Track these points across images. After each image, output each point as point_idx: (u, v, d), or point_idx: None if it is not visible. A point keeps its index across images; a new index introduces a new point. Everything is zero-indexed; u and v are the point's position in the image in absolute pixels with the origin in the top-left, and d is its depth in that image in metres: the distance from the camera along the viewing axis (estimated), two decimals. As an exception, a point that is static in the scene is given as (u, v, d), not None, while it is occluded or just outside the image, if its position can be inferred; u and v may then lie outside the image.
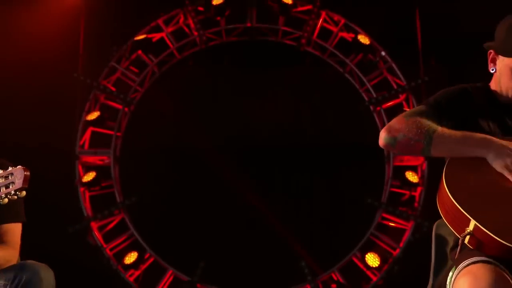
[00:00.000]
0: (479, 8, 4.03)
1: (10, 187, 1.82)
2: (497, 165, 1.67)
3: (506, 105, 1.83)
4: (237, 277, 4.33)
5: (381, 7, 4.60)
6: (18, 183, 1.81)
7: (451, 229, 1.65)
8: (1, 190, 1.83)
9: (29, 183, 1.84)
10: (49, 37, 4.31)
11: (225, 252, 4.39)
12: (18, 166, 1.84)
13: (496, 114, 1.81)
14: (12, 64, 4.12)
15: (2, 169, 2.01)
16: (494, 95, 1.87)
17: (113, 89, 4.57)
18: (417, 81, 4.50)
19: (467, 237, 1.57)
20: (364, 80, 4.63)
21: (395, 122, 1.77)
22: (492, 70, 1.85)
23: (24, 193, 1.84)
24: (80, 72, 4.50)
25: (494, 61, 1.84)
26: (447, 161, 1.71)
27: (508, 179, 1.65)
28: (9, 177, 1.84)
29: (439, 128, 1.72)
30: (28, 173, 1.84)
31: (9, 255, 2.06)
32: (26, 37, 4.21)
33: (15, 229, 2.12)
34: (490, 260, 1.52)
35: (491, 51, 1.84)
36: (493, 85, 1.88)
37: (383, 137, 1.75)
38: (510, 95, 1.81)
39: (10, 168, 1.85)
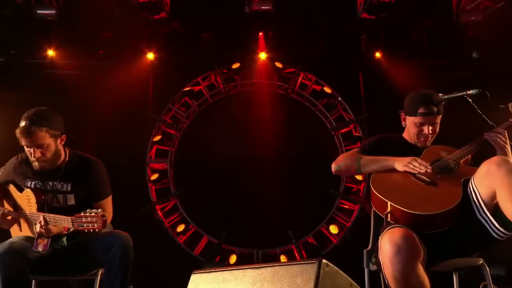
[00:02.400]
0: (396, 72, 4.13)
1: (95, 226, 1.78)
2: (400, 167, 1.74)
3: (412, 145, 1.95)
4: (247, 240, 4.36)
5: (338, 70, 4.68)
6: (98, 226, 1.77)
7: (378, 212, 1.72)
8: (86, 226, 1.79)
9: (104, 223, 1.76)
10: (131, 89, 4.38)
11: (240, 224, 4.40)
12: (100, 213, 1.79)
13: (404, 151, 1.90)
14: (109, 107, 4.22)
15: (79, 164, 2.02)
16: (404, 139, 2.00)
17: (170, 121, 4.62)
18: (361, 116, 4.58)
19: (388, 215, 1.60)
20: (328, 115, 4.68)
21: (339, 158, 1.92)
22: (404, 125, 1.98)
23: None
24: (150, 111, 4.56)
25: (404, 120, 1.97)
26: (372, 174, 1.82)
27: (408, 175, 1.71)
28: (94, 219, 1.78)
29: (364, 156, 1.87)
30: (105, 219, 1.80)
31: (108, 217, 2.03)
32: (117, 90, 4.28)
33: (107, 203, 2.07)
34: (402, 226, 1.55)
35: (402, 113, 1.97)
36: (405, 134, 2.00)
37: (333, 167, 1.91)
38: (414, 139, 1.93)
39: (93, 213, 1.79)
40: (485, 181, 1.51)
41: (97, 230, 1.78)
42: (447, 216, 1.55)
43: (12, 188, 2.11)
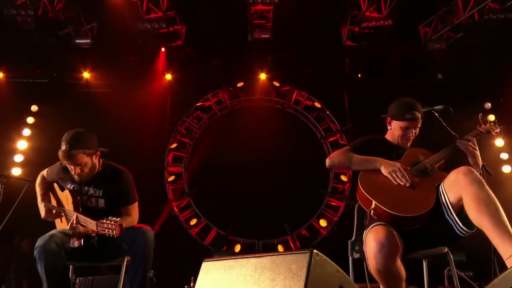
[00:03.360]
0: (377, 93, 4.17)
1: (114, 232, 1.76)
2: (384, 172, 1.68)
3: (395, 146, 1.87)
4: (250, 232, 4.37)
5: (327, 88, 4.70)
6: (116, 233, 1.76)
7: (363, 207, 1.66)
8: (107, 232, 1.78)
9: (122, 231, 1.73)
10: (152, 104, 4.44)
11: (244, 219, 4.39)
12: (118, 222, 1.75)
13: (387, 151, 1.83)
14: (133, 119, 4.28)
15: (111, 174, 2.00)
16: (388, 141, 1.91)
17: (184, 131, 4.66)
18: (346, 127, 4.61)
19: (372, 211, 1.58)
20: (318, 126, 4.72)
21: (333, 154, 1.84)
22: (389, 128, 1.90)
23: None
24: (168, 123, 4.62)
25: (390, 123, 1.89)
26: (360, 172, 1.74)
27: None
28: (113, 226, 1.76)
29: (355, 155, 1.79)
30: (123, 227, 1.76)
31: (133, 221, 2.02)
32: (140, 105, 4.33)
33: (133, 207, 2.04)
34: (385, 223, 1.54)
35: (388, 117, 1.89)
36: (388, 136, 1.92)
37: (327, 162, 1.82)
38: (398, 141, 1.86)
39: (113, 222, 1.77)
40: (453, 188, 1.51)
41: (115, 236, 1.78)
42: (422, 217, 1.56)
43: (56, 186, 2.18)
